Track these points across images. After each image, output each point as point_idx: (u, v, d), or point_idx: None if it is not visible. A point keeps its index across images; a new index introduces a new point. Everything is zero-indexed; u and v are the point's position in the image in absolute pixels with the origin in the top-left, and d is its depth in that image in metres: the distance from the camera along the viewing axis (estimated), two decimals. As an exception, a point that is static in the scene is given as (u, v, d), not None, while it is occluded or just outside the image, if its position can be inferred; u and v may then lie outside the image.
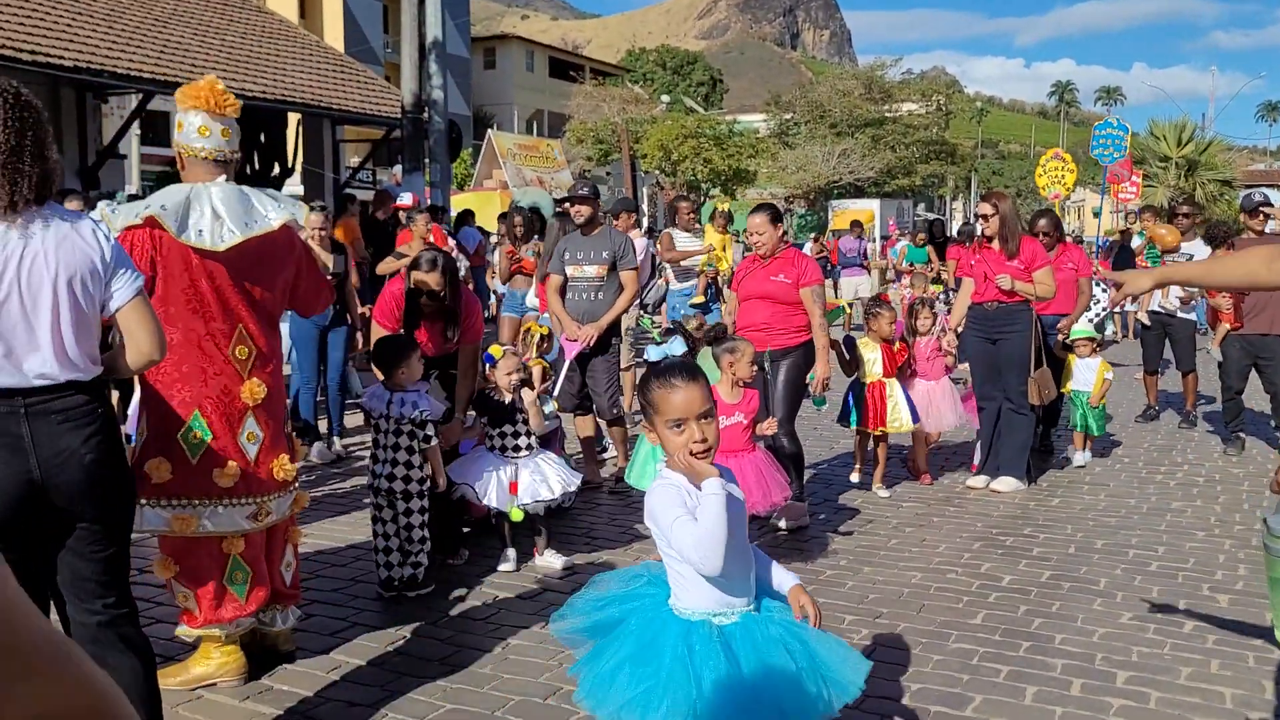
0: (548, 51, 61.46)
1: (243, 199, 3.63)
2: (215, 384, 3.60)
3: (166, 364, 3.51)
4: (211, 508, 3.60)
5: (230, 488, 3.61)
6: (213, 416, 3.59)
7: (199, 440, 3.58)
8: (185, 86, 3.65)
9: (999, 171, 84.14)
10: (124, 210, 3.53)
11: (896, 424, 6.71)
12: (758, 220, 6.09)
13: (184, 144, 3.64)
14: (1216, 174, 39.12)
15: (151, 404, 3.59)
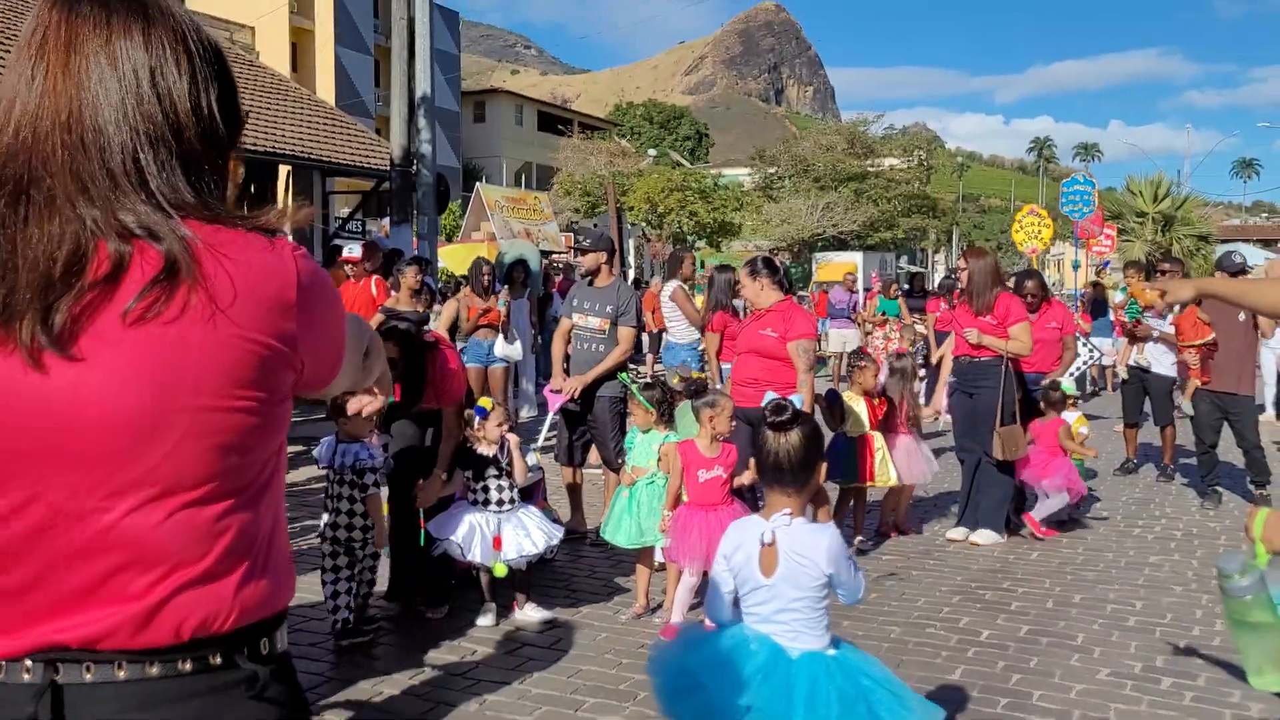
0: (536, 105, 62.07)
1: None
2: None
3: None
4: None
5: None
6: None
7: None
8: None
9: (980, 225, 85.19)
10: None
11: (885, 478, 6.75)
12: (740, 274, 6.19)
13: None
14: (1193, 229, 39.68)
15: None
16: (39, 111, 1.18)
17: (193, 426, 1.15)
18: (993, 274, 6.93)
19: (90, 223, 1.15)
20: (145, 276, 1.14)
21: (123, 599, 1.13)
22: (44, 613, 1.13)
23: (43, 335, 1.11)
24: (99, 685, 1.12)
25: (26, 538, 1.13)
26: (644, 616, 5.30)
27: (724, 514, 4.97)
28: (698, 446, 5.11)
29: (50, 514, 1.13)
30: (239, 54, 20.25)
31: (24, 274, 1.12)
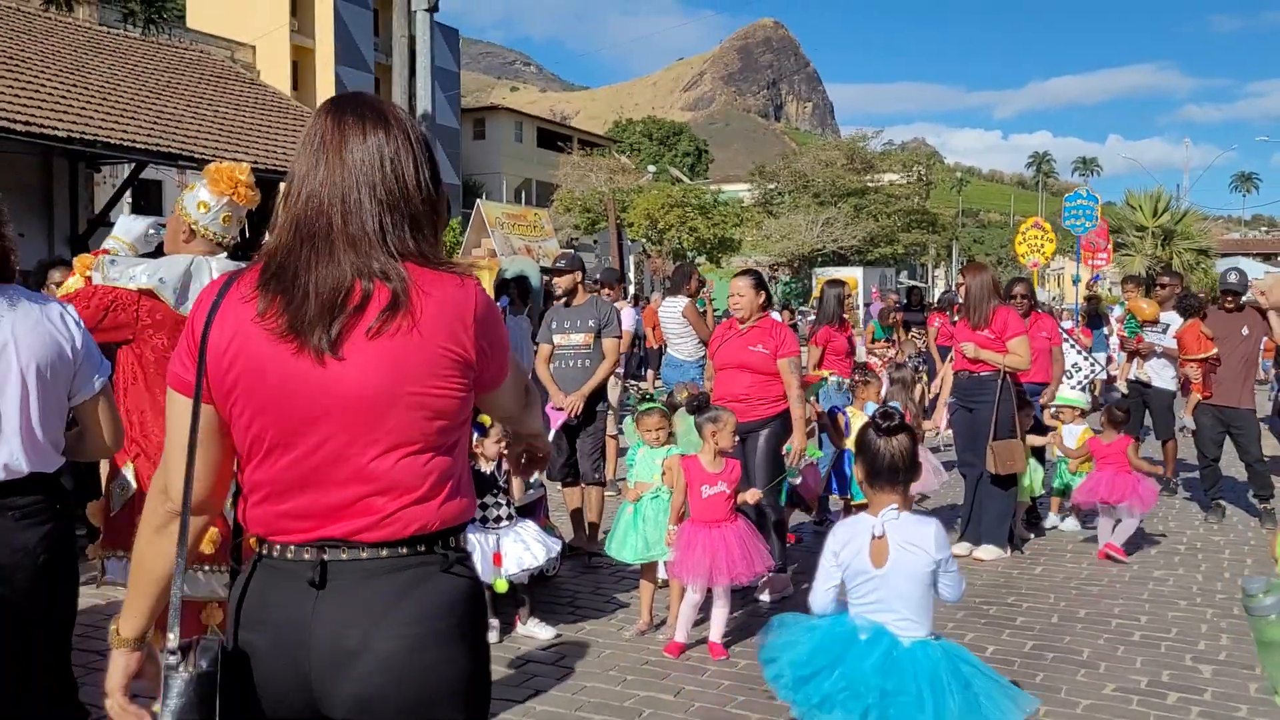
0: (536, 122, 62.25)
1: None
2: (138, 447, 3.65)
3: (154, 428, 3.55)
4: (191, 573, 3.61)
5: (211, 554, 3.61)
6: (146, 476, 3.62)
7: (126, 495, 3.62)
8: (218, 164, 3.75)
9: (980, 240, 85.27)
10: (122, 266, 3.57)
11: None
12: (741, 284, 6.16)
13: (183, 211, 3.72)
14: (1192, 243, 39.75)
15: (140, 463, 3.60)
16: (320, 189, 1.76)
17: (410, 404, 1.70)
18: (991, 289, 6.95)
19: (351, 268, 1.71)
20: (380, 306, 1.69)
21: (369, 512, 1.70)
22: (320, 518, 1.71)
23: (324, 342, 1.68)
24: (349, 562, 1.70)
25: (314, 470, 1.71)
26: (648, 633, 5.29)
27: (727, 530, 4.97)
28: (701, 462, 5.11)
29: (328, 456, 1.70)
30: (239, 72, 20.34)
31: (314, 301, 1.69)
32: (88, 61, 15.93)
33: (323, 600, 1.68)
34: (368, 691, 1.66)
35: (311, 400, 1.69)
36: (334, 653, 1.66)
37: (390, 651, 1.66)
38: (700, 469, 5.09)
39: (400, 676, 1.67)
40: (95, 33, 18.38)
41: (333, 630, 1.67)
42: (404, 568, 1.71)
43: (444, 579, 1.73)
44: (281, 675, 1.70)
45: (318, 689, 1.68)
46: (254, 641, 1.71)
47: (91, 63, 15.95)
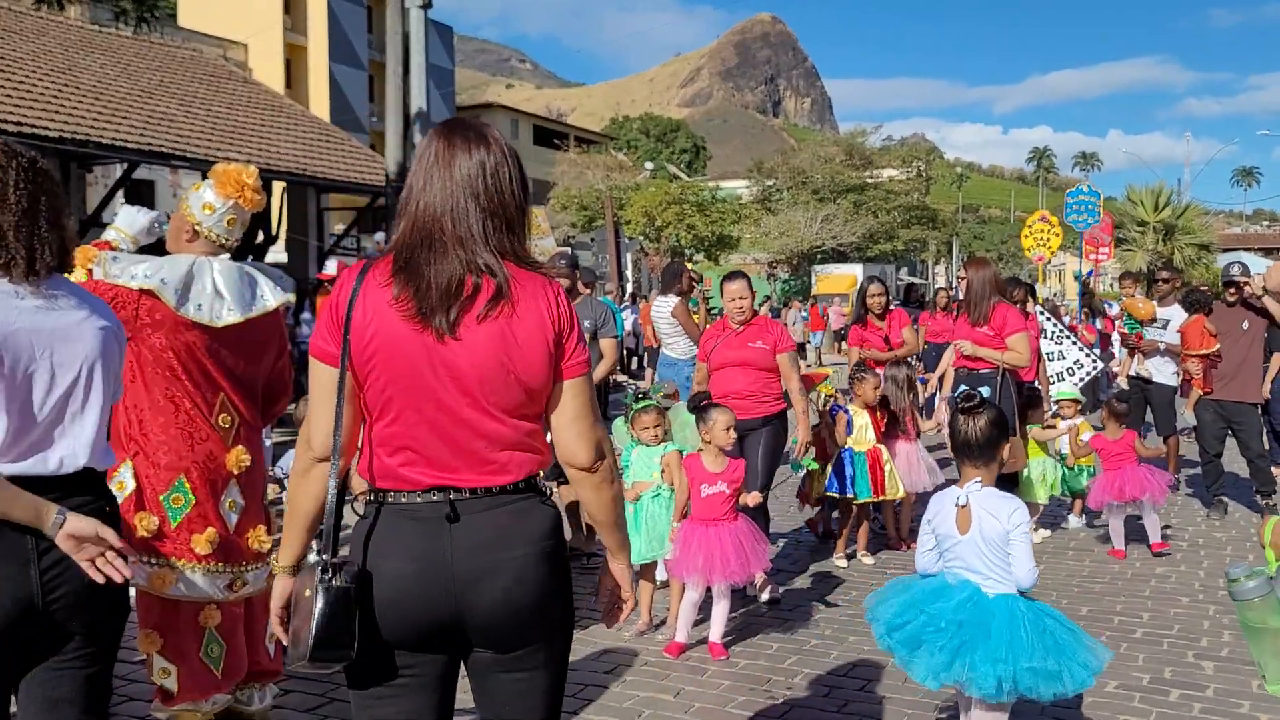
0: (532, 120, 62.20)
1: (243, 278, 3.66)
2: (201, 450, 3.59)
3: (152, 426, 3.50)
4: (188, 573, 3.57)
5: (207, 554, 3.58)
6: (197, 482, 3.59)
7: (181, 505, 3.56)
8: (225, 166, 3.70)
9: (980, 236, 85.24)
10: (124, 263, 3.51)
11: (895, 490, 6.70)
12: (740, 286, 6.08)
13: (188, 210, 3.66)
14: (1194, 238, 39.70)
15: (139, 462, 3.56)
16: (434, 199, 2.15)
17: (510, 378, 2.11)
18: (992, 285, 6.88)
19: (460, 264, 2.11)
20: (487, 297, 2.10)
21: (485, 462, 2.13)
22: (443, 468, 2.11)
23: (445, 325, 2.08)
24: (471, 500, 2.12)
25: (436, 428, 2.11)
26: (647, 633, 5.24)
27: (724, 530, 4.92)
28: (702, 461, 5.07)
29: (447, 418, 2.10)
30: (232, 70, 20.28)
31: (435, 290, 2.09)
32: (79, 61, 15.87)
33: (456, 531, 2.09)
34: (504, 598, 2.09)
35: (434, 371, 2.08)
36: (474, 570, 2.08)
37: (517, 566, 2.10)
38: (701, 468, 5.05)
39: (526, 585, 2.11)
40: (86, 32, 18.32)
41: (469, 554, 2.08)
42: (512, 503, 2.14)
43: (542, 509, 2.18)
44: (427, 593, 2.07)
45: (461, 601, 2.08)
46: (397, 568, 2.08)
47: (83, 62, 15.89)
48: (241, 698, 3.80)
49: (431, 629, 2.10)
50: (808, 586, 6.16)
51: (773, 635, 5.27)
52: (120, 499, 3.50)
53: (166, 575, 3.55)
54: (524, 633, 2.15)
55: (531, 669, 2.19)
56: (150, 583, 3.55)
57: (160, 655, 3.59)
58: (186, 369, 3.56)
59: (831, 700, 4.43)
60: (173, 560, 3.55)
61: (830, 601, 5.85)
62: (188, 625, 3.60)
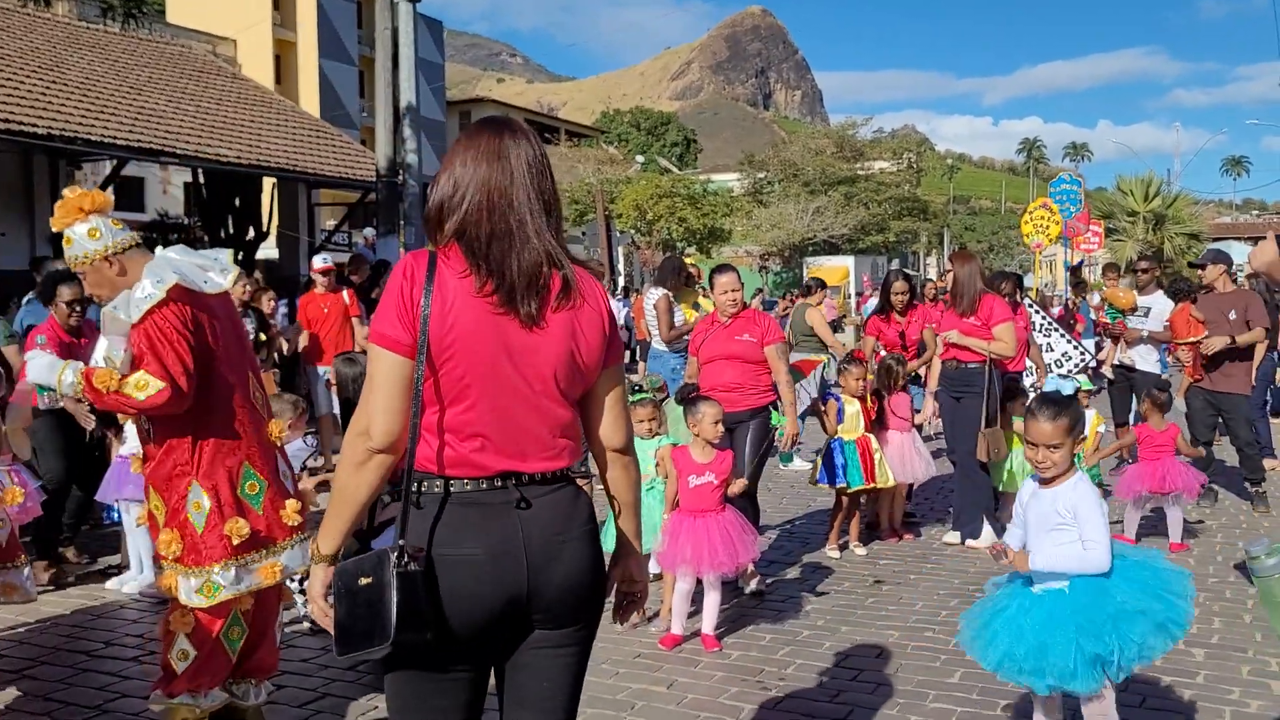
0: (523, 114, 62.08)
1: (193, 253, 3.75)
2: (254, 431, 3.69)
3: (215, 421, 3.57)
4: (285, 553, 3.69)
5: (297, 525, 3.71)
6: (260, 463, 3.68)
7: (257, 491, 3.65)
8: (55, 215, 3.63)
9: (971, 227, 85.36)
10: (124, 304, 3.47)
11: (884, 479, 6.71)
12: (730, 279, 6.09)
13: (88, 255, 3.58)
14: (1184, 227, 39.75)
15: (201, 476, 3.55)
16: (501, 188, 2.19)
17: (576, 365, 2.23)
18: (978, 276, 6.93)
19: (541, 254, 2.18)
20: (558, 288, 2.20)
21: (548, 446, 2.22)
22: (514, 455, 2.18)
23: (532, 313, 2.16)
24: (535, 485, 2.20)
25: (510, 415, 2.18)
26: (640, 626, 5.25)
27: (711, 521, 4.93)
28: (690, 452, 5.09)
29: (524, 407, 2.18)
30: (221, 66, 20.21)
31: (522, 280, 2.16)
32: (67, 58, 15.80)
33: (525, 516, 2.17)
34: (570, 575, 2.20)
35: (514, 359, 2.15)
36: (545, 550, 2.17)
37: (577, 545, 2.22)
38: (689, 459, 5.07)
39: (584, 562, 2.23)
40: (74, 28, 18.23)
41: (540, 536, 2.17)
42: (567, 487, 2.25)
43: (584, 495, 2.30)
44: (501, 575, 2.13)
45: (533, 580, 2.16)
46: (470, 555, 2.12)
47: (71, 59, 15.82)
48: (237, 693, 3.81)
49: (504, 612, 2.16)
50: (800, 577, 6.17)
51: (765, 626, 5.28)
52: (203, 519, 3.54)
53: (273, 565, 3.65)
54: (579, 610, 2.25)
55: (573, 645, 2.29)
56: (263, 579, 3.62)
57: (188, 638, 3.61)
58: (229, 355, 3.65)
59: (824, 690, 4.44)
60: (272, 548, 3.64)
61: (822, 592, 5.87)
62: (223, 611, 3.64)
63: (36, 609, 5.59)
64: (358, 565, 2.11)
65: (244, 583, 3.59)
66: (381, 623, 2.04)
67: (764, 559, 6.49)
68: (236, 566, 3.56)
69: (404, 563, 2.05)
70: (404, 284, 2.15)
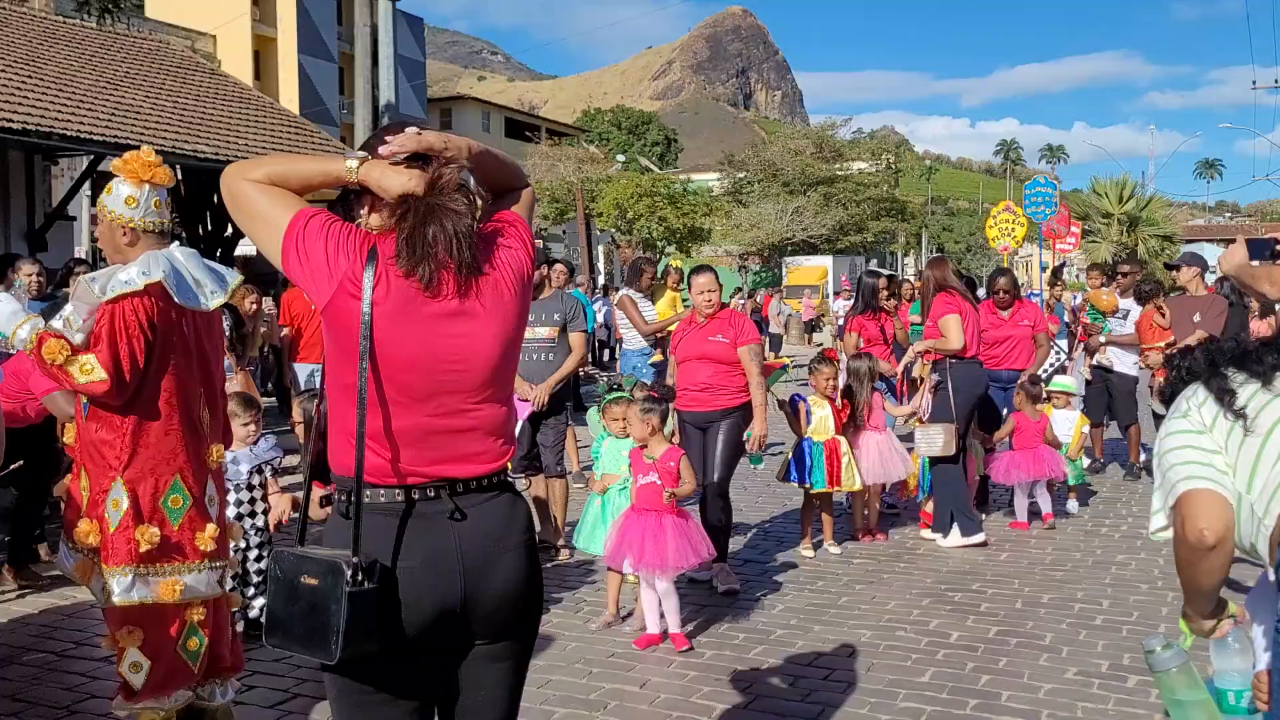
0: (503, 112, 61.86)
1: (203, 262, 3.70)
2: (193, 448, 3.63)
3: (146, 433, 3.51)
4: (191, 575, 3.60)
5: (211, 551, 3.63)
6: (191, 481, 3.62)
7: (180, 506, 3.59)
8: (120, 159, 3.63)
9: (949, 228, 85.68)
10: (106, 277, 3.46)
11: (850, 482, 6.75)
12: (708, 279, 6.14)
13: (114, 215, 3.57)
14: (1158, 229, 40.21)
15: (130, 474, 3.52)
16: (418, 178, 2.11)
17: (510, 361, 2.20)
18: (935, 281, 7.02)
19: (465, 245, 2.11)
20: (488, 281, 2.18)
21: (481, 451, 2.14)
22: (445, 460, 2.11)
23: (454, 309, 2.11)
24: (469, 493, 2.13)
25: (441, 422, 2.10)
26: (614, 625, 5.27)
27: (651, 519, 4.95)
28: (643, 452, 5.16)
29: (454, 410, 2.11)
30: (200, 62, 20.08)
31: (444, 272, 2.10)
32: (43, 52, 15.66)
33: (461, 526, 2.10)
34: (506, 587, 2.14)
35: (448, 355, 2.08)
36: (482, 562, 2.11)
37: (514, 556, 2.15)
38: (639, 459, 5.16)
39: (521, 574, 2.17)
40: (51, 23, 18.07)
41: (476, 547, 2.10)
42: (502, 494, 2.19)
43: (521, 502, 2.25)
44: (435, 586, 2.07)
45: (469, 592, 2.09)
46: (403, 565, 2.05)
47: (47, 53, 15.68)
48: (203, 694, 3.78)
49: (441, 622, 2.09)
50: (774, 577, 6.21)
51: (739, 625, 5.31)
52: (117, 518, 3.50)
53: (174, 583, 3.56)
54: (517, 621, 2.20)
55: (510, 658, 2.23)
56: (160, 595, 3.55)
57: (139, 650, 3.58)
58: (180, 367, 3.57)
59: (796, 690, 4.47)
60: (177, 565, 3.56)
61: (796, 591, 5.91)
62: (170, 620, 3.60)
63: (6, 608, 5.56)
64: (302, 562, 2.04)
65: (137, 593, 3.49)
66: (324, 634, 1.97)
67: (738, 558, 6.53)
68: (135, 574, 3.48)
69: (359, 580, 1.97)
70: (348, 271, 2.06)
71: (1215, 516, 2.15)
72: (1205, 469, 2.20)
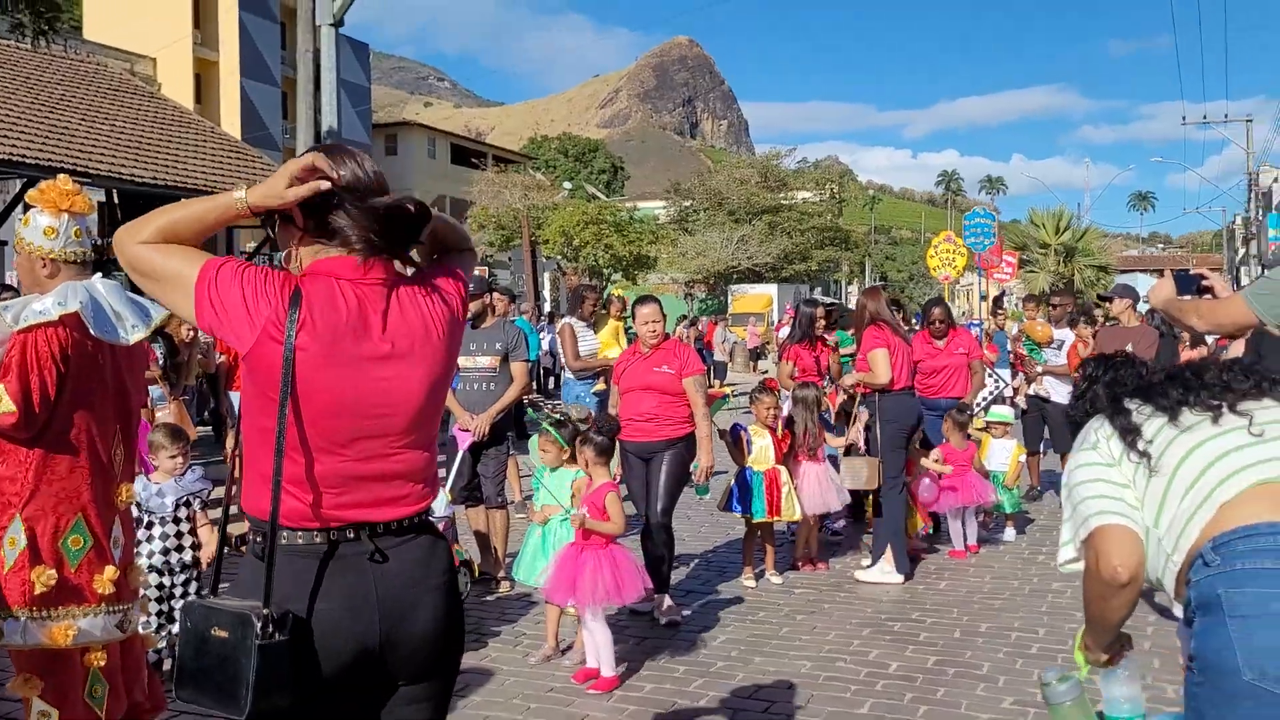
0: (450, 138, 61.62)
1: (125, 295, 3.57)
2: (99, 487, 3.49)
3: (50, 469, 3.38)
4: (87, 619, 3.45)
5: (109, 594, 3.48)
6: (95, 521, 3.47)
7: (80, 546, 3.44)
8: (36, 189, 3.51)
9: (892, 257, 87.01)
10: (19, 306, 3.35)
11: (790, 512, 6.77)
12: (652, 310, 6.14)
13: (31, 245, 3.45)
14: (1093, 260, 41.12)
15: (30, 511, 3.39)
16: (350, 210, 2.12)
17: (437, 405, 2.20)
18: (864, 313, 7.00)
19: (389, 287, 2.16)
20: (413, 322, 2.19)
21: (405, 492, 2.12)
22: (363, 504, 2.07)
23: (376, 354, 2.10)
24: (388, 535, 2.10)
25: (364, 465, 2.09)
26: (553, 659, 5.21)
27: (587, 554, 4.90)
28: (587, 485, 5.15)
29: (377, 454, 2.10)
30: (139, 85, 19.81)
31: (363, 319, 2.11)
32: (-24, 74, 15.35)
33: (380, 569, 2.07)
34: (425, 631, 2.12)
35: (372, 399, 2.06)
36: (399, 606, 2.08)
37: (434, 600, 2.13)
38: (583, 491, 5.12)
39: (441, 618, 2.15)
40: (-16, 44, 17.72)
41: (394, 588, 2.08)
42: (421, 536, 2.16)
43: (441, 542, 2.22)
44: (355, 628, 2.04)
45: (387, 633, 2.07)
46: (320, 608, 2.01)
47: (-20, 75, 15.38)
48: (128, 737, 3.67)
49: (360, 663, 2.07)
50: (716, 608, 6.19)
51: (679, 658, 5.28)
52: (13, 558, 3.36)
53: (67, 627, 3.42)
54: (437, 662, 2.18)
55: (430, 698, 2.21)
56: (52, 639, 3.41)
57: (41, 699, 3.45)
58: (95, 402, 3.46)
59: (736, 723, 4.45)
60: (72, 609, 3.43)
61: (738, 622, 5.90)
62: (72, 667, 3.47)
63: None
64: (212, 613, 1.99)
65: (28, 637, 3.36)
66: (234, 688, 1.93)
67: (680, 588, 6.51)
68: (27, 618, 3.35)
69: (269, 633, 1.93)
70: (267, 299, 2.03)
71: (1129, 553, 2.16)
72: (1117, 504, 2.20)
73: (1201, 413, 2.22)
